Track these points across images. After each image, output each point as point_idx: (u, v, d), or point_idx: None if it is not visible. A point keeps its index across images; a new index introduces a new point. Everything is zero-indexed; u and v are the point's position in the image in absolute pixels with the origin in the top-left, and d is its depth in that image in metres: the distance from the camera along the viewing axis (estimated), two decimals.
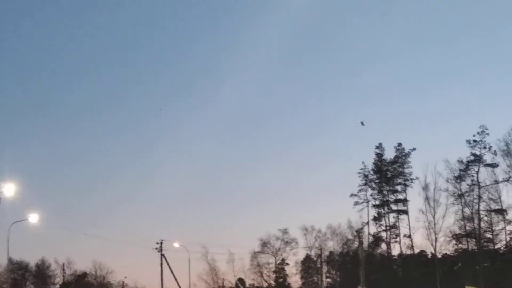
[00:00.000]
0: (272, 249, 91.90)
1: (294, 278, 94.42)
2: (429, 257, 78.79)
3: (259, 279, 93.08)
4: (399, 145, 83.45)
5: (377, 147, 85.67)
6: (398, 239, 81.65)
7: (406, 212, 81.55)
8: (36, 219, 51.81)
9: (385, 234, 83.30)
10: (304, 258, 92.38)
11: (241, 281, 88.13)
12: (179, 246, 75.28)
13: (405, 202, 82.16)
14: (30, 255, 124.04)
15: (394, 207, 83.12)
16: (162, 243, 70.61)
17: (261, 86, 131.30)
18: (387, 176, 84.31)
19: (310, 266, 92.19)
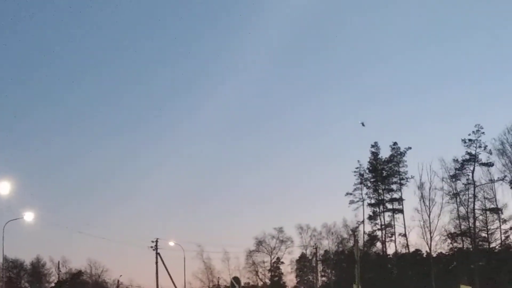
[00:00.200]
0: (267, 247, 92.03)
1: (289, 277, 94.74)
2: (424, 256, 78.96)
3: (255, 278, 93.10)
4: (395, 144, 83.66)
5: (372, 146, 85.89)
6: (393, 238, 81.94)
7: (401, 211, 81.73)
8: (31, 218, 51.79)
9: (380, 233, 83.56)
10: (299, 257, 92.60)
11: (236, 279, 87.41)
12: (175, 244, 75.28)
13: (400, 201, 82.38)
14: (25, 254, 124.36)
15: (389, 206, 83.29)
16: (157, 242, 70.49)
17: (258, 87, 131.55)
18: (383, 175, 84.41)
19: (305, 264, 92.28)
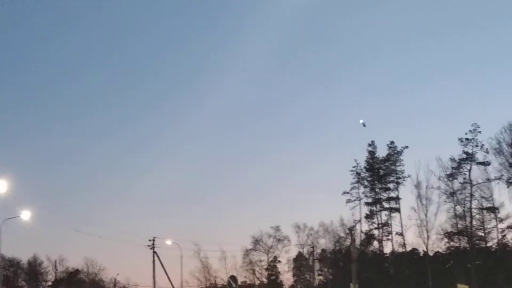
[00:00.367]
0: (264, 246, 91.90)
1: (286, 276, 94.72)
2: (421, 255, 79.04)
3: (251, 277, 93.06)
4: (392, 143, 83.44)
5: (369, 145, 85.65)
6: (390, 237, 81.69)
7: (398, 210, 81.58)
8: (28, 216, 51.89)
9: (377, 232, 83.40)
10: (296, 256, 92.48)
11: (233, 278, 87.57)
12: (172, 243, 75.17)
13: (397, 200, 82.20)
14: (22, 252, 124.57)
15: (386, 205, 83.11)
16: (154, 240, 70.55)
17: (254, 85, 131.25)
18: (380, 174, 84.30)
19: (302, 263, 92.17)
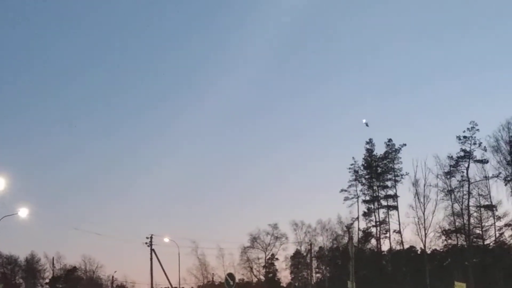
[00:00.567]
0: (262, 244, 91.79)
1: (284, 273, 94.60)
2: (418, 252, 79.03)
3: (249, 274, 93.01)
4: (389, 140, 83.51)
5: (367, 143, 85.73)
6: (388, 235, 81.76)
7: (396, 207, 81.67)
8: (26, 214, 51.53)
9: (375, 230, 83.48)
10: (294, 253, 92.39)
11: (231, 276, 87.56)
12: (169, 241, 75.06)
13: (395, 197, 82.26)
14: (19, 250, 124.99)
15: (384, 203, 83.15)
16: (152, 238, 70.45)
17: (254, 84, 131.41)
18: (377, 171, 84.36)
19: (300, 261, 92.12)
